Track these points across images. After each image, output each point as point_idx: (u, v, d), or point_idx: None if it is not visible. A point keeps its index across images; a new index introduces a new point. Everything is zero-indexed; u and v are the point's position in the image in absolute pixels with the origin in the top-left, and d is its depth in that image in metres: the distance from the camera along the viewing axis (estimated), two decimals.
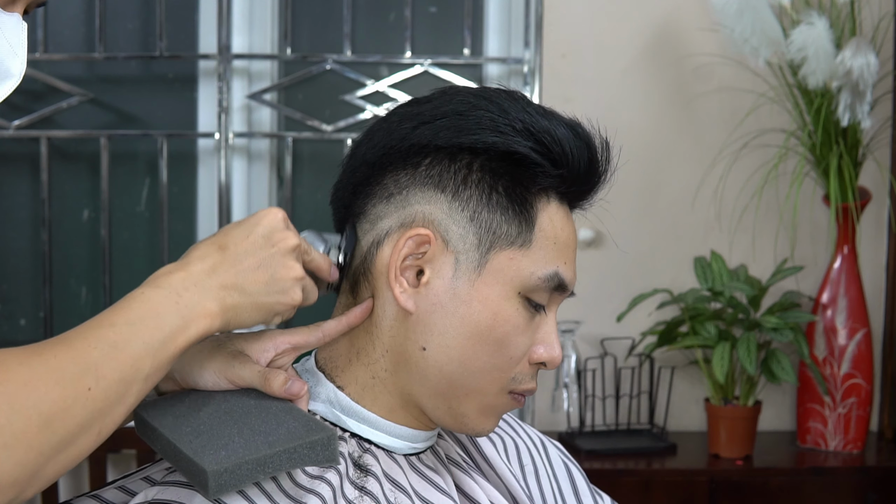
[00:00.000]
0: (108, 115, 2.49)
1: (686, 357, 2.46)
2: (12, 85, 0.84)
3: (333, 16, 2.48)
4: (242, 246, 0.87)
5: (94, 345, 0.78)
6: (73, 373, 0.76)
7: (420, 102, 0.95)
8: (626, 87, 2.47)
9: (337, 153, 2.49)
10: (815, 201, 2.43)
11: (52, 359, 0.76)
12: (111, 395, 0.78)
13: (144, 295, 0.84)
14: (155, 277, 0.86)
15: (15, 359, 0.74)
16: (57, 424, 0.74)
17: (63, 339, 0.78)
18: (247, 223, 0.89)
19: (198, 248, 0.88)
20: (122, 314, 0.81)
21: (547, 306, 0.95)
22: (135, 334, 0.80)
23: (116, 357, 0.79)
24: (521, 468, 1.08)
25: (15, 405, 0.72)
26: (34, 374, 0.74)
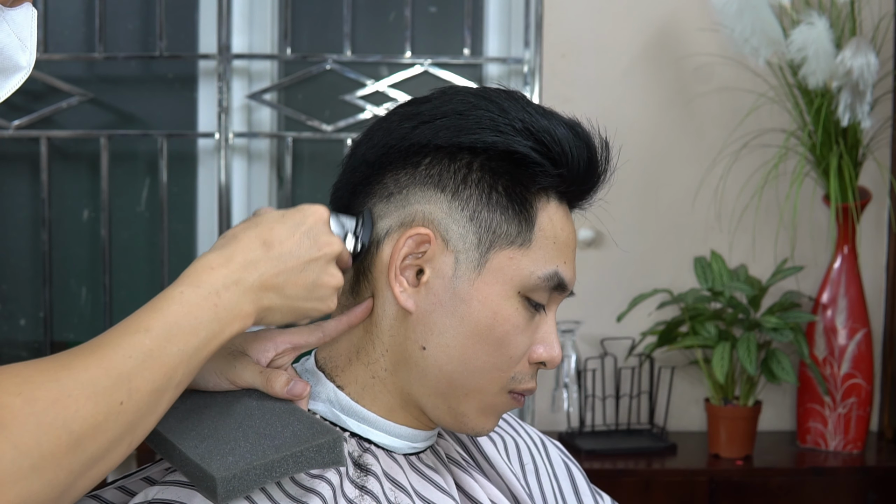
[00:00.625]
0: (108, 115, 2.49)
1: (686, 357, 2.46)
2: (22, 77, 0.83)
3: (333, 16, 2.48)
4: (287, 245, 0.85)
5: (129, 353, 0.75)
6: (105, 386, 0.73)
7: (420, 102, 0.95)
8: (626, 87, 2.47)
9: (337, 153, 2.49)
10: (815, 201, 2.43)
11: (83, 372, 0.72)
12: (143, 407, 0.76)
13: (184, 295, 0.80)
14: (195, 272, 0.82)
15: (43, 374, 0.71)
16: (88, 442, 0.71)
17: (95, 347, 0.75)
18: (291, 219, 0.87)
19: (239, 238, 0.85)
20: (159, 317, 0.78)
21: (546, 306, 0.95)
22: (170, 341, 0.77)
23: (150, 367, 0.76)
24: (522, 467, 1.08)
25: (44, 425, 0.69)
26: (64, 391, 0.71)
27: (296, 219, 0.87)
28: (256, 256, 0.84)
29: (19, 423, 0.68)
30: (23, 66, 0.82)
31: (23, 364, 0.72)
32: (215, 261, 0.83)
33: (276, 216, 0.87)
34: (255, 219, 0.87)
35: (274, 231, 0.85)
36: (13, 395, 0.69)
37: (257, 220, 0.87)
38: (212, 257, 0.83)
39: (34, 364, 0.72)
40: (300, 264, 0.85)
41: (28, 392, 0.69)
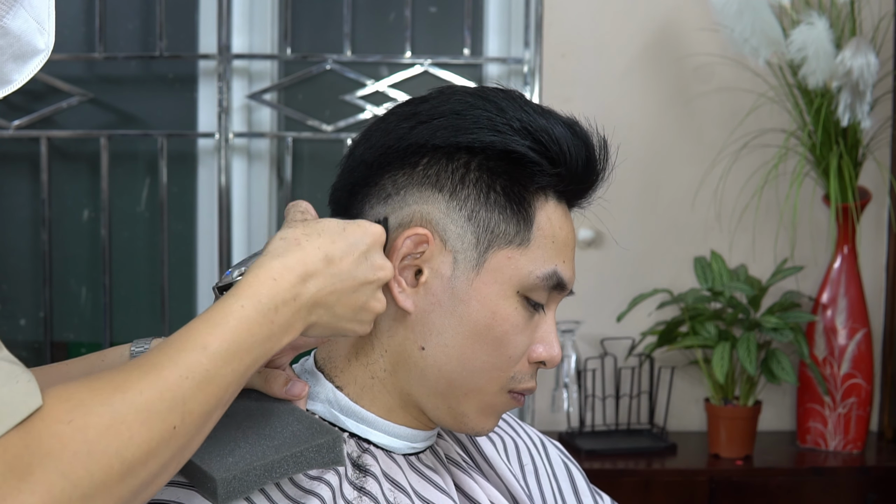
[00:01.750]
0: (108, 115, 2.49)
1: (686, 357, 2.46)
2: (41, 60, 0.81)
3: (333, 16, 2.48)
4: (346, 263, 0.84)
5: (185, 374, 0.72)
6: (160, 411, 0.70)
7: (417, 102, 0.95)
8: (626, 87, 2.47)
9: (337, 153, 2.49)
10: (815, 201, 2.43)
11: (138, 396, 0.69)
12: (193, 430, 0.73)
13: (244, 311, 0.77)
14: (258, 282, 0.79)
15: (95, 397, 0.68)
16: (139, 469, 0.69)
17: (151, 366, 0.72)
18: (352, 235, 0.85)
19: (302, 246, 0.82)
20: (218, 334, 0.75)
21: (546, 305, 0.95)
22: (227, 362, 0.75)
23: (206, 389, 0.73)
24: (521, 468, 1.08)
25: (95, 453, 0.66)
26: (117, 416, 0.68)
27: (356, 235, 0.85)
28: (317, 270, 0.82)
29: (70, 453, 0.66)
30: (41, 49, 0.81)
31: (75, 385, 0.69)
32: (277, 270, 0.80)
33: (336, 228, 0.85)
34: (316, 225, 0.85)
35: (336, 245, 0.84)
36: (64, 422, 0.66)
37: (318, 228, 0.85)
38: (274, 266, 0.80)
39: (86, 385, 0.69)
40: (354, 286, 0.84)
41: (80, 418, 0.67)
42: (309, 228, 0.84)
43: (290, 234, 0.84)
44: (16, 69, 0.80)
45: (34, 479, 0.64)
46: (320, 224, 0.85)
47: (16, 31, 0.78)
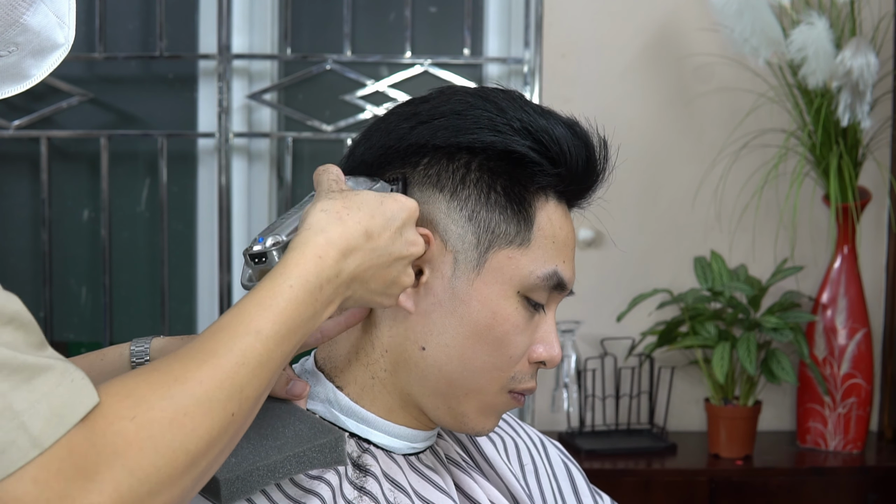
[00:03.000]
0: (108, 115, 2.49)
1: (686, 357, 2.46)
2: (61, 54, 0.81)
3: (333, 16, 2.48)
4: (383, 239, 0.83)
5: (242, 361, 0.72)
6: (220, 400, 0.70)
7: (418, 102, 0.95)
8: (626, 87, 2.47)
9: (337, 153, 2.49)
10: (815, 201, 2.43)
11: (197, 386, 0.69)
12: (248, 414, 0.74)
13: (293, 291, 0.77)
14: (304, 259, 0.79)
15: (155, 391, 0.68)
16: (202, 459, 0.69)
17: (207, 354, 0.72)
18: (389, 209, 0.85)
19: (344, 221, 0.82)
20: (269, 317, 0.75)
21: (546, 305, 0.95)
22: (279, 344, 0.75)
23: (260, 374, 0.73)
24: (521, 468, 1.08)
25: (161, 448, 0.66)
26: (179, 409, 0.68)
27: (393, 210, 0.85)
28: (357, 244, 0.82)
29: (136, 450, 0.65)
30: (61, 43, 0.81)
31: (131, 379, 0.69)
32: (321, 247, 0.80)
33: (374, 201, 0.84)
34: (355, 198, 0.84)
35: (375, 220, 0.83)
36: (127, 419, 0.66)
37: (358, 202, 0.84)
38: (319, 242, 0.80)
39: (143, 378, 0.69)
40: (389, 261, 0.84)
41: (142, 414, 0.66)
42: (349, 201, 0.83)
43: (330, 207, 0.83)
44: (35, 64, 0.80)
45: (101, 478, 0.63)
46: (359, 196, 0.84)
47: (35, 28, 0.77)
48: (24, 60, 0.79)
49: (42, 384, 0.63)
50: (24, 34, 0.77)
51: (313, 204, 0.84)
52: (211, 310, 2.51)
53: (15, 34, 0.76)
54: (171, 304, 2.44)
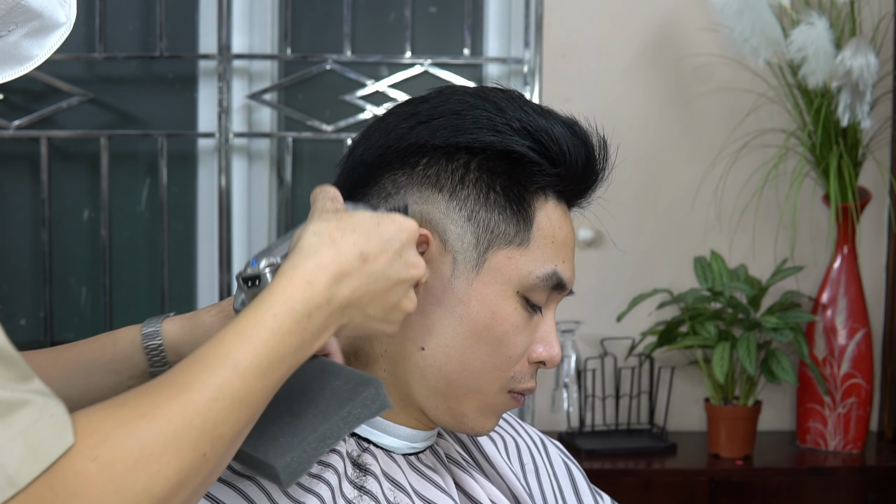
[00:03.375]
0: (108, 115, 2.49)
1: (686, 357, 2.46)
2: (63, 34, 0.78)
3: (333, 16, 2.48)
4: (380, 262, 0.79)
5: (215, 397, 0.68)
6: (189, 439, 0.66)
7: (417, 102, 0.95)
8: (626, 87, 2.47)
9: (337, 153, 2.49)
10: (815, 201, 2.43)
11: (165, 425, 0.65)
12: (222, 453, 0.69)
13: (276, 320, 0.73)
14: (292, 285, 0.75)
15: (121, 428, 0.64)
16: (170, 501, 0.65)
17: (178, 388, 0.68)
18: (386, 230, 0.81)
19: (337, 244, 0.78)
20: (249, 349, 0.71)
21: (545, 305, 0.95)
22: (259, 379, 0.71)
23: (237, 410, 0.69)
24: (522, 467, 1.08)
25: (123, 491, 0.63)
26: (146, 449, 0.64)
27: (391, 231, 0.81)
28: (352, 269, 0.77)
29: (95, 492, 0.62)
30: (62, 21, 0.78)
31: (99, 415, 0.65)
32: (311, 271, 0.76)
33: (370, 222, 0.80)
34: (350, 219, 0.80)
35: (371, 242, 0.79)
36: (89, 459, 0.62)
37: (353, 223, 0.80)
38: (308, 267, 0.76)
39: (110, 413, 0.65)
40: (388, 285, 0.80)
41: (106, 454, 0.63)
42: (343, 223, 0.80)
43: (323, 230, 0.79)
44: (36, 44, 0.77)
45: None
46: (354, 218, 0.80)
47: (37, 8, 0.75)
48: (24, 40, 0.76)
49: (18, 421, 0.60)
50: (24, 15, 0.75)
51: (305, 226, 0.80)
52: None
53: (16, 15, 0.74)
54: (171, 304, 2.44)
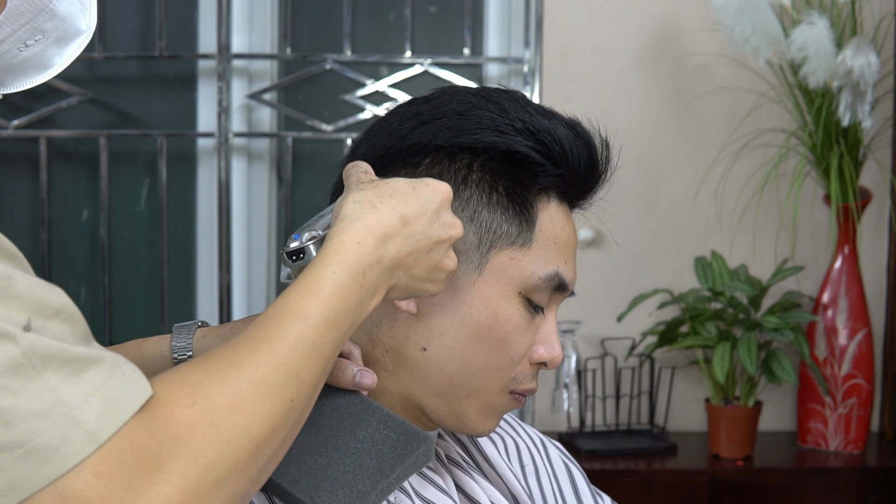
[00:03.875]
0: (108, 114, 2.49)
1: (686, 357, 2.46)
2: (83, 41, 0.80)
3: (333, 16, 2.48)
4: (420, 223, 0.83)
5: (294, 346, 0.71)
6: (277, 384, 0.69)
7: (419, 102, 0.95)
8: (626, 87, 2.46)
9: (337, 153, 2.49)
10: (815, 201, 2.42)
11: (254, 371, 0.68)
12: (307, 402, 0.72)
13: (336, 277, 0.76)
14: (343, 247, 0.78)
15: (212, 377, 0.66)
16: (265, 447, 0.67)
17: (259, 340, 0.70)
18: (422, 193, 0.84)
19: (378, 208, 0.81)
20: (316, 303, 0.74)
21: (547, 306, 0.94)
22: (329, 330, 0.74)
23: (314, 358, 0.72)
24: (522, 468, 1.08)
25: (224, 435, 0.64)
26: (239, 395, 0.66)
27: (426, 194, 0.84)
28: (394, 231, 0.81)
29: (199, 437, 0.63)
30: (83, 30, 0.80)
31: (186, 368, 0.67)
32: (359, 233, 0.79)
33: (405, 187, 0.84)
34: (386, 186, 0.84)
35: (409, 206, 0.83)
36: (187, 406, 0.64)
37: (389, 189, 0.83)
38: (356, 230, 0.80)
39: (198, 366, 0.67)
40: (429, 245, 0.83)
41: (202, 401, 0.64)
42: (380, 190, 0.83)
43: (363, 197, 0.82)
44: (57, 53, 0.79)
45: (166, 468, 0.61)
46: (390, 185, 0.84)
47: (62, 14, 0.77)
48: (48, 49, 0.78)
49: (93, 376, 0.61)
50: (51, 20, 0.76)
51: (344, 196, 0.84)
52: (211, 310, 2.50)
53: (43, 21, 0.75)
54: (171, 303, 2.44)
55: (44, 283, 0.62)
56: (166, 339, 0.94)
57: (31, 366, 0.58)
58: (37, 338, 0.59)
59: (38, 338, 0.59)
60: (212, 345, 0.93)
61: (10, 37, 0.75)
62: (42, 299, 0.61)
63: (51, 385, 0.59)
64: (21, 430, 0.58)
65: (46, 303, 0.61)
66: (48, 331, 0.60)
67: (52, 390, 0.59)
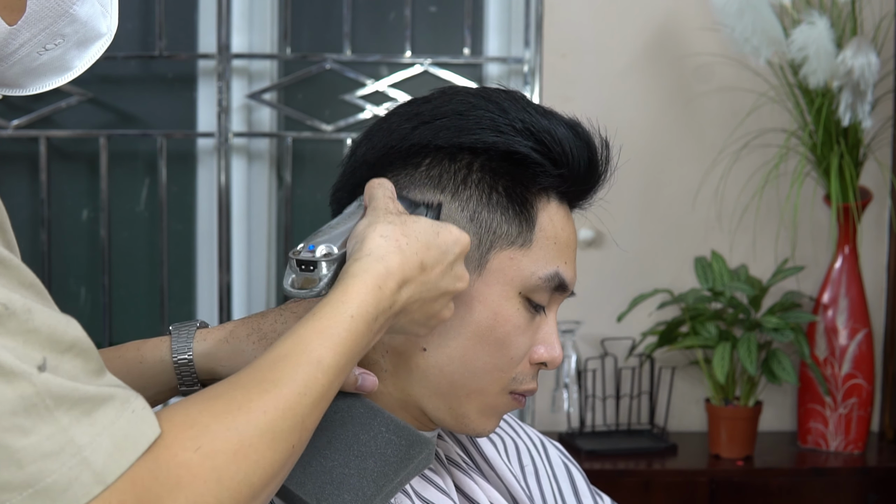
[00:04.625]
0: (108, 114, 2.49)
1: (686, 357, 2.46)
2: (103, 44, 0.81)
3: (333, 15, 2.48)
4: (435, 272, 0.82)
5: (304, 392, 0.71)
6: (282, 430, 0.69)
7: (420, 102, 0.95)
8: (626, 87, 2.46)
9: (337, 153, 2.49)
10: (815, 201, 2.42)
11: (261, 416, 0.68)
12: (305, 445, 0.73)
13: (353, 322, 0.76)
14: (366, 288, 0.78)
15: (219, 420, 0.66)
16: (263, 492, 0.68)
17: (270, 383, 0.70)
18: (444, 241, 0.83)
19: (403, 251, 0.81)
20: (331, 347, 0.74)
21: (547, 306, 0.94)
22: (337, 376, 0.74)
23: (320, 405, 0.73)
24: (522, 468, 1.08)
25: (225, 481, 0.65)
26: (244, 441, 0.66)
27: (448, 242, 0.84)
28: (412, 277, 0.81)
29: (200, 482, 0.64)
30: (103, 32, 0.80)
31: (193, 406, 0.67)
32: (382, 276, 0.79)
33: (430, 231, 0.83)
34: (414, 226, 0.83)
35: (430, 252, 0.82)
36: (191, 450, 0.64)
37: (416, 231, 0.83)
38: (379, 271, 0.79)
39: (206, 406, 0.67)
40: (436, 295, 0.83)
41: (207, 444, 0.65)
42: (407, 229, 0.82)
43: (390, 234, 0.81)
44: (77, 55, 0.79)
45: None
46: (417, 225, 0.83)
47: (83, 18, 0.77)
48: (68, 52, 0.78)
49: (103, 416, 0.62)
50: (71, 24, 0.76)
51: (371, 225, 0.82)
52: (210, 310, 2.50)
53: (63, 25, 0.76)
54: (171, 304, 2.44)
55: (60, 316, 0.63)
56: (165, 343, 0.94)
57: (45, 406, 0.59)
58: (51, 377, 0.60)
59: (52, 377, 0.60)
60: (211, 349, 0.93)
61: (30, 41, 0.75)
62: (58, 333, 0.62)
63: (62, 425, 0.60)
64: (31, 470, 0.58)
65: (62, 337, 0.62)
66: (61, 366, 0.61)
67: (63, 430, 0.60)
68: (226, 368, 0.93)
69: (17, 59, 0.76)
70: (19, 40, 0.75)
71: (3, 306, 0.59)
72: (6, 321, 0.59)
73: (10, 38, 0.74)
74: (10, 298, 0.60)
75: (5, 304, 0.59)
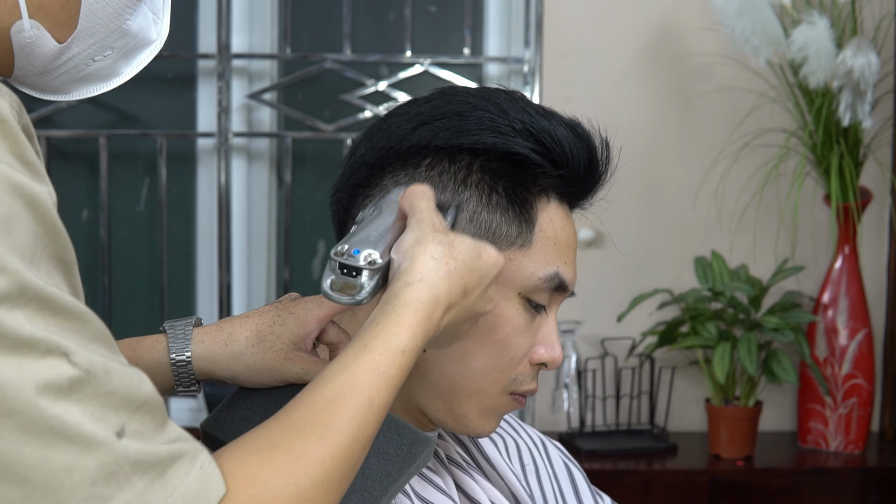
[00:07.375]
0: (108, 114, 2.49)
1: (687, 357, 2.46)
2: (152, 51, 0.81)
3: (333, 15, 2.48)
4: (474, 296, 0.83)
5: (357, 437, 0.72)
6: (337, 480, 0.71)
7: (419, 103, 0.95)
8: (626, 87, 2.46)
9: (337, 153, 2.49)
10: (815, 201, 2.42)
11: (318, 467, 0.69)
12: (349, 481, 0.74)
13: (404, 356, 0.76)
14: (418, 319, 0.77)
15: (280, 475, 0.68)
16: None
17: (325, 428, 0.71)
18: (485, 264, 0.83)
19: (451, 277, 0.80)
20: (382, 386, 0.74)
21: (547, 307, 0.94)
22: (384, 412, 0.74)
23: (368, 445, 0.74)
24: (522, 468, 1.08)
25: None
26: (302, 494, 0.68)
27: (487, 265, 0.83)
28: (454, 302, 0.81)
29: None
30: (153, 38, 0.80)
31: (252, 456, 0.69)
32: (432, 306, 0.78)
33: (473, 253, 0.82)
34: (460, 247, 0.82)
35: (472, 276, 0.82)
36: None
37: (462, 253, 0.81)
38: (430, 299, 0.78)
39: (265, 455, 0.69)
40: (467, 317, 0.84)
41: (269, 502, 0.67)
42: (454, 251, 0.81)
43: (440, 256, 0.80)
44: (125, 63, 0.80)
45: None
46: (462, 246, 0.82)
47: (135, 30, 0.78)
48: (116, 62, 0.79)
49: (174, 476, 0.64)
50: (123, 38, 0.77)
51: (421, 244, 0.81)
52: (210, 310, 2.50)
53: (114, 39, 0.77)
54: (171, 304, 2.44)
55: (133, 373, 0.64)
56: (161, 343, 0.93)
57: (123, 472, 0.61)
58: (129, 443, 0.62)
59: (130, 443, 0.62)
60: (210, 352, 0.92)
61: (78, 55, 0.76)
62: (131, 392, 0.63)
63: (138, 490, 0.62)
64: None
65: (135, 395, 0.64)
66: (133, 425, 0.63)
67: (140, 495, 0.62)
68: (224, 371, 0.92)
69: (63, 70, 0.77)
70: (68, 55, 0.76)
71: (86, 371, 0.61)
72: (86, 386, 0.61)
73: (59, 54, 0.75)
74: (90, 362, 0.61)
75: (87, 369, 0.61)
